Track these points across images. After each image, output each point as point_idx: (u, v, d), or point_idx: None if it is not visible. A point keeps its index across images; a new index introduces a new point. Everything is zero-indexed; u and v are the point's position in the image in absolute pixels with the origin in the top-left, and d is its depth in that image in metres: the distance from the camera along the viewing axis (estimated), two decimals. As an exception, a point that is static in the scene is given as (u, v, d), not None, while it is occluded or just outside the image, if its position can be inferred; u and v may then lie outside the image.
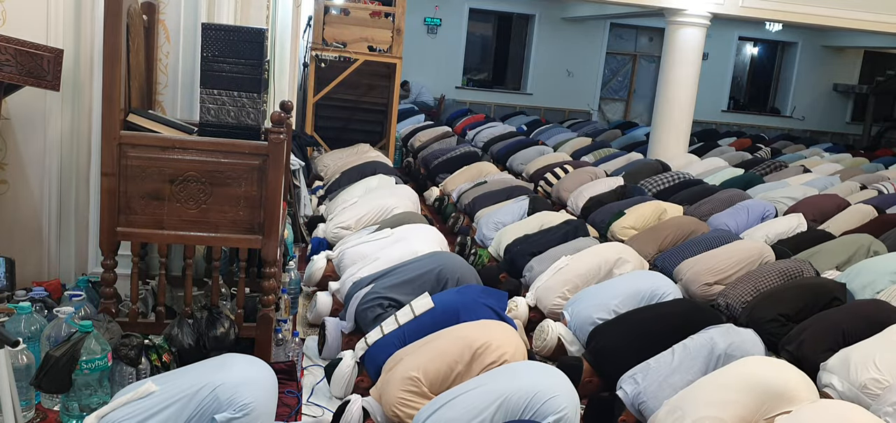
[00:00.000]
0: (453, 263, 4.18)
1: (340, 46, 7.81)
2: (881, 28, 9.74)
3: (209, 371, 2.65)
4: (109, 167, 3.23)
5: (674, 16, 9.27)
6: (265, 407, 2.63)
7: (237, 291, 3.54)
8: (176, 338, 3.34)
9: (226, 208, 3.31)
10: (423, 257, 4.29)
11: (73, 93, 3.74)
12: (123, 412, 2.49)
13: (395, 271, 4.11)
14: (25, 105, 3.61)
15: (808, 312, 4.12)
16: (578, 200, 6.92)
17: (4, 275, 3.55)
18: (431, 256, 4.33)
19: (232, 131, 3.34)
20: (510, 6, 14.99)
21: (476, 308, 3.58)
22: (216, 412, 2.52)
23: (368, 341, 3.50)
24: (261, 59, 3.37)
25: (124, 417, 2.48)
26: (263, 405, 2.61)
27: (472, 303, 3.62)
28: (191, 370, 2.74)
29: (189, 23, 3.89)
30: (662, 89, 9.65)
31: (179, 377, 2.68)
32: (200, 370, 2.69)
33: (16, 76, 3.19)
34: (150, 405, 2.51)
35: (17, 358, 2.81)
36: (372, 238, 4.73)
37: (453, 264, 4.15)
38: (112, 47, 3.13)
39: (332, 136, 8.44)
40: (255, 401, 2.56)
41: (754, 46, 16.78)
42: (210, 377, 2.59)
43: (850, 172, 9.50)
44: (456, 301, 3.64)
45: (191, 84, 3.90)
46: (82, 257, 3.92)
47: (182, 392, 2.54)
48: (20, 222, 3.77)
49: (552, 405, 2.75)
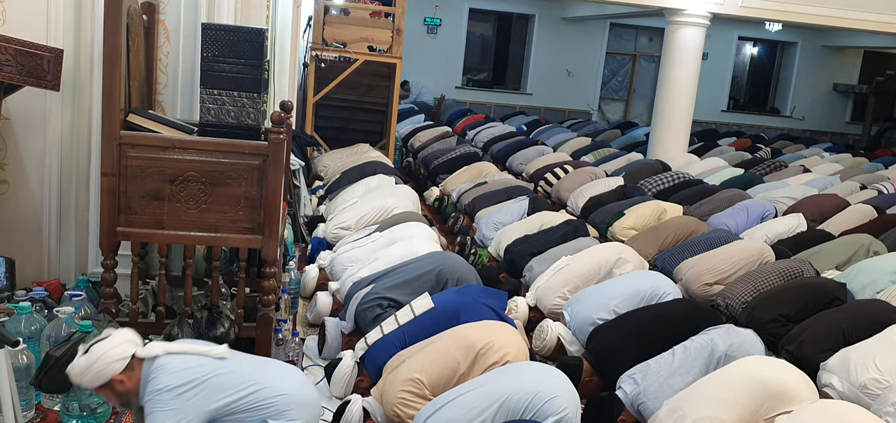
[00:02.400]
0: (453, 263, 4.18)
1: (340, 46, 7.81)
2: (881, 28, 9.74)
3: (276, 376, 2.70)
4: (109, 167, 3.23)
5: (674, 16, 9.27)
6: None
7: (237, 291, 3.54)
8: (176, 338, 3.34)
9: (226, 208, 3.31)
10: (423, 257, 4.29)
11: (73, 93, 3.74)
12: (192, 360, 2.51)
13: (394, 271, 4.11)
14: (25, 105, 3.61)
15: (808, 312, 4.12)
16: (578, 200, 6.92)
17: (4, 275, 3.55)
18: (431, 256, 4.32)
19: (232, 131, 3.34)
20: (510, 6, 14.99)
21: (476, 308, 3.57)
22: (271, 418, 2.56)
23: (368, 341, 3.50)
24: (261, 59, 3.37)
25: (191, 366, 2.49)
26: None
27: (473, 303, 3.61)
28: (259, 363, 2.80)
29: (189, 23, 3.89)
30: (662, 89, 9.65)
31: (246, 363, 2.71)
32: (268, 370, 2.74)
33: (16, 76, 3.19)
34: (214, 367, 2.52)
35: (17, 358, 2.81)
36: (363, 242, 4.72)
37: (453, 264, 4.15)
38: (112, 47, 3.13)
39: (332, 136, 8.44)
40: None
41: (754, 46, 16.78)
42: (275, 383, 2.63)
43: (849, 172, 9.49)
44: (456, 302, 3.63)
45: (191, 84, 3.90)
46: (82, 257, 3.92)
47: (245, 379, 2.57)
48: (20, 222, 3.77)
49: (553, 405, 2.75)
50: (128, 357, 2.44)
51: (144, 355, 2.48)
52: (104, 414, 2.99)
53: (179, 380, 2.43)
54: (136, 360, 2.46)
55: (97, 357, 2.41)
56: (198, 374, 2.47)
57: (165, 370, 2.45)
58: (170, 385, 2.42)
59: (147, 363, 2.47)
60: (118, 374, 2.42)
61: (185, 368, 2.47)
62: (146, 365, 2.47)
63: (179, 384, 2.43)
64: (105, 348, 2.42)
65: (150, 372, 2.46)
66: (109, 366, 2.41)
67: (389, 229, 4.84)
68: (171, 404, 2.41)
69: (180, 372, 2.45)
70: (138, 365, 2.47)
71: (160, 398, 2.41)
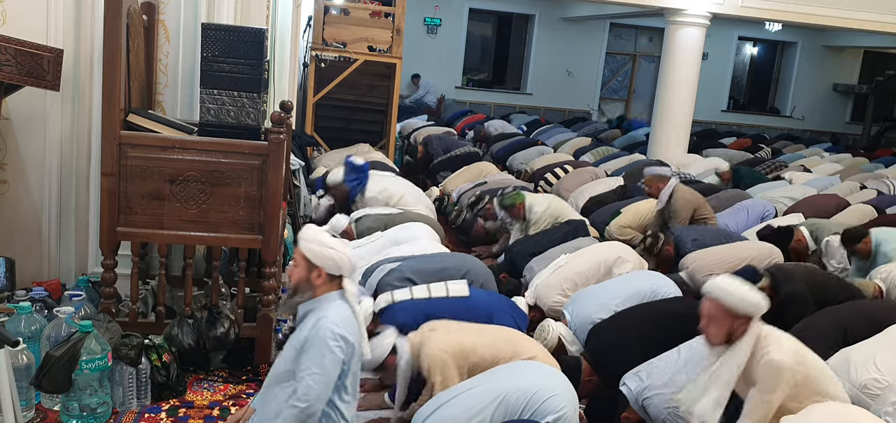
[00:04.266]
0: (477, 267, 4.25)
1: (340, 46, 7.81)
2: (881, 28, 9.73)
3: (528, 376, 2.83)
4: (109, 167, 3.23)
5: (674, 16, 9.26)
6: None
7: (237, 291, 3.55)
8: (176, 338, 3.34)
9: (226, 208, 3.32)
10: (448, 255, 4.39)
11: (73, 93, 3.74)
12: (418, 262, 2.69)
13: (422, 258, 4.18)
14: (25, 105, 3.61)
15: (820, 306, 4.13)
16: (579, 200, 6.91)
17: (4, 275, 3.55)
18: (456, 255, 4.43)
19: (232, 131, 3.34)
20: (510, 6, 14.98)
21: (505, 317, 3.64)
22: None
23: (395, 297, 3.55)
24: (261, 59, 3.37)
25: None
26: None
27: (502, 312, 3.70)
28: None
29: (189, 23, 3.89)
30: (662, 89, 9.64)
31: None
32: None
33: (16, 76, 3.20)
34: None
35: (17, 358, 2.81)
36: (362, 242, 4.72)
37: (477, 269, 4.23)
38: (112, 47, 3.13)
39: (332, 136, 8.43)
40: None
41: (754, 46, 16.77)
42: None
43: (850, 172, 9.49)
44: (488, 303, 3.72)
45: (191, 84, 3.90)
46: (82, 257, 3.92)
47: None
48: (20, 222, 3.77)
49: (551, 404, 2.75)
50: (341, 273, 2.52)
51: (346, 285, 2.57)
52: (104, 414, 2.99)
53: (345, 329, 2.47)
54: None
55: (336, 249, 2.49)
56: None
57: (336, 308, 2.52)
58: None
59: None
60: (326, 270, 2.49)
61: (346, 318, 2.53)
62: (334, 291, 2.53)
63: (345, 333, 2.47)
64: (346, 251, 2.52)
65: (331, 299, 2.52)
66: (332, 262, 2.47)
67: (392, 230, 4.84)
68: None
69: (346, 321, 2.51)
70: (334, 281, 2.53)
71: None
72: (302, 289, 2.52)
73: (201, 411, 3.16)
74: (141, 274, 3.53)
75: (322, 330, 2.42)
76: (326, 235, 2.51)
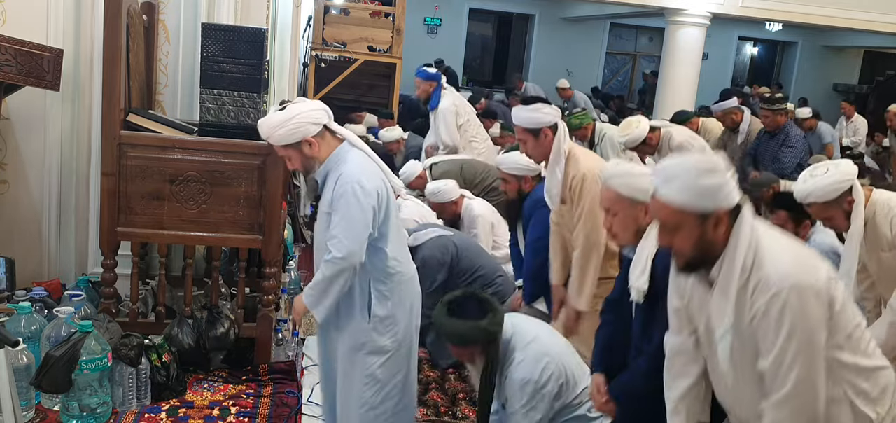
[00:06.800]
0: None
1: (340, 46, 7.81)
2: (881, 28, 9.74)
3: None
4: (109, 167, 3.23)
5: (674, 16, 9.27)
6: None
7: (237, 291, 3.55)
8: (176, 338, 3.34)
9: (226, 208, 3.32)
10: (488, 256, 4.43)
11: (73, 93, 3.74)
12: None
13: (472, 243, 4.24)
14: (25, 105, 3.61)
15: None
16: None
17: (4, 275, 3.55)
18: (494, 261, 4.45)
19: (232, 131, 3.34)
20: (510, 6, 14.98)
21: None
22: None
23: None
24: (261, 59, 3.37)
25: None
26: None
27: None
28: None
29: (189, 23, 3.89)
30: (662, 89, 9.65)
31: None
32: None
33: (16, 76, 3.20)
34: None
35: (17, 358, 2.81)
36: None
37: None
38: (112, 47, 3.13)
39: (332, 136, 8.42)
40: None
41: (754, 46, 16.78)
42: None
43: (849, 171, 9.48)
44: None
45: (191, 84, 3.90)
46: (82, 257, 3.92)
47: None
48: (20, 222, 3.77)
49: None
50: (321, 124, 2.48)
51: (336, 130, 2.53)
52: (104, 414, 2.98)
53: (363, 177, 2.45)
54: (327, 130, 2.50)
55: (294, 115, 2.44)
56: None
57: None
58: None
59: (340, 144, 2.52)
60: (310, 137, 2.45)
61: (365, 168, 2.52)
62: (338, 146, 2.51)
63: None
64: (302, 108, 2.46)
65: (343, 154, 2.49)
66: (303, 127, 2.44)
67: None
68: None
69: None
70: (329, 137, 2.51)
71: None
72: (309, 167, 2.54)
73: (201, 411, 3.16)
74: (141, 274, 3.53)
75: (340, 187, 2.44)
76: (287, 111, 2.46)
